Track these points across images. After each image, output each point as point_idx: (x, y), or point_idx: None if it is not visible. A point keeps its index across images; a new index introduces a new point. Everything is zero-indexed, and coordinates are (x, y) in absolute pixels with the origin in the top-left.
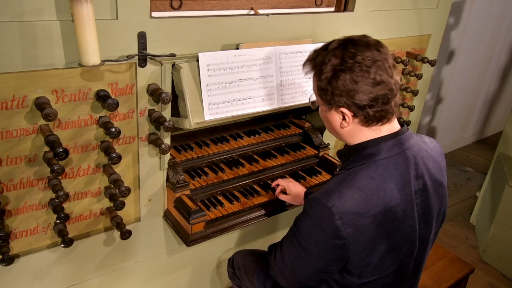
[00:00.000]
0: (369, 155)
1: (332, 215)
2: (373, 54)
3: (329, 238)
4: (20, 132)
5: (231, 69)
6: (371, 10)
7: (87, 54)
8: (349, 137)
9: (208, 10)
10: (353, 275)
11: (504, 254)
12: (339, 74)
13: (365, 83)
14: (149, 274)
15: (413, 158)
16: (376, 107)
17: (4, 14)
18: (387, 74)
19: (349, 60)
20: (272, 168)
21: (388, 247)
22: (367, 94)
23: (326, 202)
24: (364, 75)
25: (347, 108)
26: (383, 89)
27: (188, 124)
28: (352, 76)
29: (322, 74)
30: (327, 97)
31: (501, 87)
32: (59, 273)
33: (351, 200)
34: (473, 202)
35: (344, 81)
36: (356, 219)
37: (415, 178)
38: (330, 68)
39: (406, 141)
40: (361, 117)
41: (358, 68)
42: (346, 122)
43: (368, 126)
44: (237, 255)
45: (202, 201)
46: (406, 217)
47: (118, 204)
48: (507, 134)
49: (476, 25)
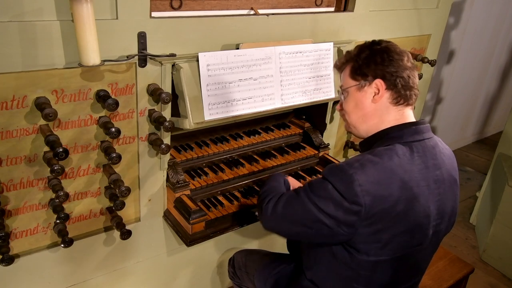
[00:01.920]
0: (391, 138)
1: (352, 181)
2: (401, 48)
3: (346, 202)
4: (20, 132)
5: (231, 69)
6: (371, 10)
7: (87, 54)
8: (375, 118)
9: (208, 10)
10: (361, 252)
11: (504, 254)
12: (377, 52)
13: (399, 61)
14: (149, 274)
15: (432, 148)
16: (406, 82)
17: (4, 14)
18: (413, 66)
19: (384, 43)
20: (272, 168)
21: (400, 227)
22: (401, 69)
23: (348, 169)
24: (397, 55)
25: (381, 78)
26: (412, 71)
27: (188, 124)
28: (389, 54)
29: (360, 55)
30: (363, 70)
31: (501, 87)
32: (59, 273)
33: (372, 170)
34: (473, 202)
35: (381, 56)
36: (375, 189)
37: (434, 167)
38: (368, 49)
39: (426, 131)
40: (392, 91)
41: (393, 49)
42: (379, 95)
43: (396, 104)
44: (238, 255)
45: (202, 201)
46: (423, 201)
47: (118, 204)
48: (507, 134)
49: (476, 25)
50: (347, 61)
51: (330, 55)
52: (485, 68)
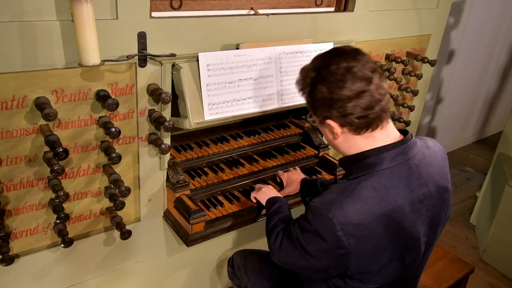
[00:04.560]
0: (371, 164)
1: (333, 226)
2: (349, 62)
3: (331, 247)
4: (20, 132)
5: (231, 69)
6: (371, 10)
7: (87, 54)
8: (346, 148)
9: (208, 10)
10: (355, 279)
11: (504, 254)
12: (316, 86)
13: (341, 92)
14: (149, 274)
15: (416, 167)
16: (359, 114)
17: (4, 14)
18: (366, 80)
19: (323, 71)
20: (272, 168)
21: (391, 256)
22: (346, 102)
23: (327, 213)
24: (338, 84)
25: (331, 119)
26: (362, 96)
27: (188, 124)
28: (328, 86)
29: (304, 89)
30: (312, 110)
31: (501, 87)
32: (59, 273)
33: (353, 211)
34: (473, 202)
35: (321, 93)
36: (357, 230)
37: (419, 187)
38: (309, 82)
39: (409, 150)
40: (348, 126)
41: (333, 78)
42: (336, 133)
43: (360, 134)
44: (237, 255)
45: (202, 201)
46: (411, 227)
47: (118, 204)
48: (507, 134)
49: (476, 25)
50: (298, 88)
51: None
52: (485, 68)
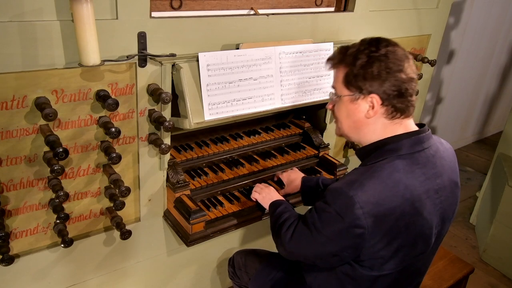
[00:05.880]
0: (390, 150)
1: (353, 204)
2: (404, 51)
3: (348, 227)
4: (20, 132)
5: (231, 69)
6: (371, 10)
7: (87, 54)
8: (368, 132)
9: (208, 10)
10: (365, 266)
11: (504, 254)
12: (374, 60)
13: (399, 73)
14: (149, 274)
15: (432, 157)
16: (403, 98)
17: (4, 14)
18: (414, 71)
19: (383, 49)
20: (272, 168)
21: (404, 242)
22: (398, 84)
23: (348, 191)
24: (398, 63)
25: (377, 94)
26: (411, 83)
27: (188, 124)
28: (387, 64)
29: (357, 60)
30: (358, 83)
31: (501, 87)
32: (59, 273)
33: (373, 190)
34: (473, 202)
35: (378, 67)
36: (377, 209)
37: (434, 177)
38: (366, 55)
39: (426, 140)
40: (387, 107)
41: (393, 57)
42: (373, 110)
43: (391, 119)
44: (238, 255)
45: (202, 201)
46: (425, 214)
47: (118, 204)
48: (507, 134)
49: (476, 25)
50: (341, 62)
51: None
52: (485, 68)
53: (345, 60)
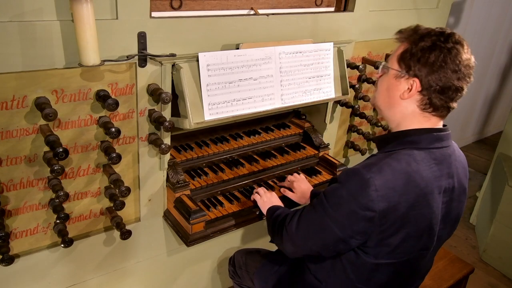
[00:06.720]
0: (410, 141)
1: (369, 186)
2: (470, 61)
3: (360, 209)
4: (20, 132)
5: (231, 69)
6: (371, 10)
7: (87, 54)
8: (398, 113)
9: (208, 10)
10: (369, 254)
11: (504, 254)
12: (436, 49)
13: (450, 71)
14: (149, 274)
15: (448, 157)
16: (442, 95)
17: (4, 14)
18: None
19: (451, 43)
20: (272, 168)
21: (411, 232)
22: (445, 81)
23: (365, 173)
24: (454, 64)
25: (421, 80)
26: (459, 84)
27: (188, 124)
28: (445, 58)
29: (421, 41)
30: (410, 62)
31: (501, 87)
32: (59, 273)
33: (390, 175)
34: (473, 202)
35: (436, 57)
36: (391, 195)
37: (447, 176)
38: (432, 41)
39: (446, 139)
40: (423, 97)
41: (455, 55)
42: (409, 93)
43: (422, 110)
44: (238, 254)
45: (202, 201)
46: (436, 208)
47: (118, 204)
48: (507, 134)
49: (476, 25)
50: (407, 39)
51: (330, 55)
52: (485, 68)
53: (411, 38)
